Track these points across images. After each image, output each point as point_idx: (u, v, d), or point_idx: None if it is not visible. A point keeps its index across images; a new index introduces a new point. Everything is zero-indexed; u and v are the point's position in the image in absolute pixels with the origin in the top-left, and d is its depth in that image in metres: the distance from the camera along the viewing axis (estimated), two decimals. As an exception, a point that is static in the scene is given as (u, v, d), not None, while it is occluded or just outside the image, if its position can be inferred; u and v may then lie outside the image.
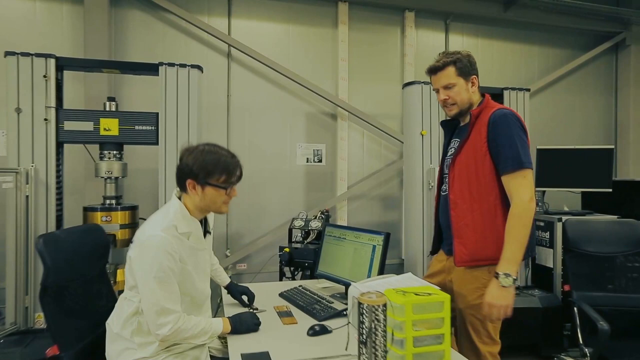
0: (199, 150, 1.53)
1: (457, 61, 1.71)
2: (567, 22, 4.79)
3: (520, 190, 1.60)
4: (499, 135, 1.62)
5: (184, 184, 1.53)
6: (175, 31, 3.82)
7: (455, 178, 1.74)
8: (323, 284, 2.35)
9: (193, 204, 1.56)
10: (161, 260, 1.42)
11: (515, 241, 1.57)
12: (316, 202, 4.17)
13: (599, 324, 2.09)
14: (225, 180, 1.53)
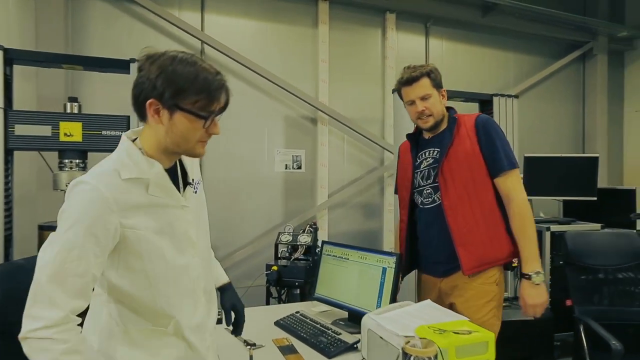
0: (168, 57, 1.02)
1: (431, 73, 1.74)
2: (540, 30, 4.84)
3: (518, 189, 1.68)
4: (492, 137, 1.69)
5: (142, 108, 1.03)
6: (142, 25, 3.47)
7: (448, 184, 1.71)
8: (320, 308, 2.14)
9: (155, 139, 1.05)
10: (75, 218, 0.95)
11: (529, 238, 1.64)
12: (296, 211, 3.94)
13: (612, 343, 2.02)
14: (205, 105, 1.02)
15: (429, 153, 1.83)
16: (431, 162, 1.80)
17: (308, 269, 2.51)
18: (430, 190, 1.79)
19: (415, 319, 1.45)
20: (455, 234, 1.68)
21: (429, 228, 1.79)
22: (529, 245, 1.64)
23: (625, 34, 5.22)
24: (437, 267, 1.80)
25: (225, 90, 1.06)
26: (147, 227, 1.04)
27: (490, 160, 1.69)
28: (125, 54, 2.52)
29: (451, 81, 4.20)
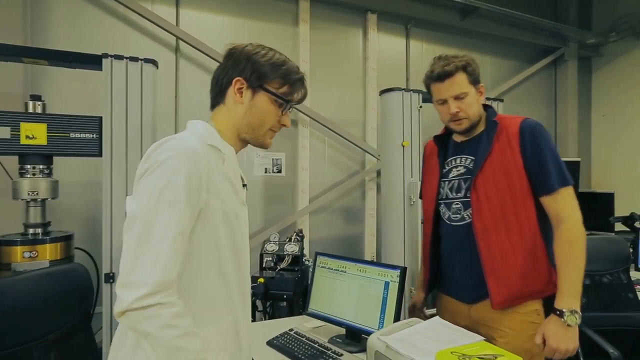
0: (257, 45, 1.11)
1: (468, 66, 1.47)
2: (516, 35, 4.90)
3: (571, 208, 1.40)
4: (540, 148, 1.42)
5: (223, 88, 1.08)
6: (112, 18, 3.20)
7: (482, 201, 1.45)
8: (313, 323, 2.01)
9: (230, 121, 1.08)
10: (180, 175, 0.90)
11: (573, 269, 1.35)
12: (276, 216, 3.77)
13: (610, 352, 2.01)
14: (286, 92, 1.09)
15: (461, 161, 1.57)
16: (463, 172, 1.54)
17: (297, 281, 2.37)
18: (459, 206, 1.53)
19: (429, 341, 1.34)
20: (486, 262, 1.43)
21: (455, 249, 1.55)
22: (570, 277, 1.34)
23: (593, 40, 5.37)
24: (465, 293, 1.55)
25: (304, 86, 1.13)
26: (225, 201, 1.00)
27: (537, 176, 1.42)
28: (93, 50, 2.29)
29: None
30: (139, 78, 2.16)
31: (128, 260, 0.85)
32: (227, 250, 1.01)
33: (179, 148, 0.92)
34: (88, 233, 2.77)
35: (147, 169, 0.91)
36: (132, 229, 0.88)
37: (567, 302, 1.32)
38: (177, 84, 3.40)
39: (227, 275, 1.02)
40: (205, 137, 1.01)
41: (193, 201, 0.91)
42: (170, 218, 0.88)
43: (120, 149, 2.11)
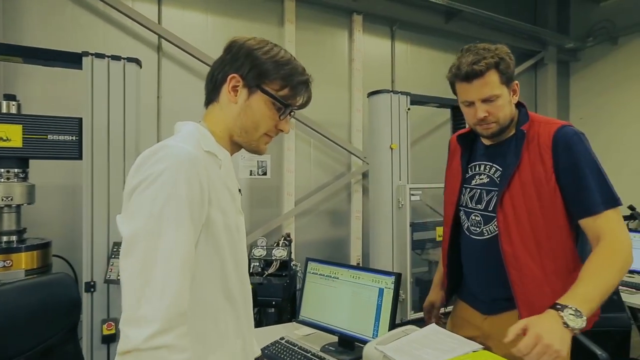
0: (259, 40, 0.98)
1: (500, 62, 1.24)
2: (499, 38, 4.96)
3: (618, 230, 1.18)
4: (579, 164, 1.21)
5: (217, 85, 0.97)
6: (91, 16, 3.08)
7: (510, 222, 1.27)
8: (303, 331, 1.95)
9: (223, 121, 0.97)
10: (181, 188, 0.79)
11: (599, 279, 1.11)
12: (261, 219, 3.71)
13: (598, 354, 2.03)
14: (286, 95, 0.97)
15: (486, 168, 1.40)
16: (486, 182, 1.38)
17: (285, 286, 2.32)
18: (479, 219, 1.38)
19: (428, 350, 1.31)
20: (519, 292, 1.25)
21: (475, 263, 1.42)
22: (590, 284, 1.10)
23: (571, 45, 5.50)
24: (480, 305, 1.43)
25: (309, 89, 1.02)
26: (226, 213, 0.91)
27: (575, 195, 1.22)
28: (69, 48, 2.19)
29: (415, 85, 4.20)
30: (122, 78, 2.07)
31: (132, 293, 0.75)
32: (231, 266, 0.92)
33: (177, 157, 0.80)
34: (66, 240, 2.65)
35: (141, 182, 0.79)
36: (132, 255, 0.76)
37: (576, 300, 1.06)
38: (159, 84, 3.30)
39: (232, 295, 0.93)
40: (201, 142, 0.90)
41: (196, 217, 0.81)
42: (176, 240, 0.77)
43: (102, 152, 2.02)
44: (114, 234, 2.01)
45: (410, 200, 2.74)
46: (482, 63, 1.23)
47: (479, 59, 1.24)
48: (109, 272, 1.95)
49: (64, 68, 2.24)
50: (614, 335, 2.47)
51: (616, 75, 5.31)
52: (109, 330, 1.98)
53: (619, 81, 5.28)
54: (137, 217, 0.78)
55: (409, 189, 2.76)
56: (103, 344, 2.00)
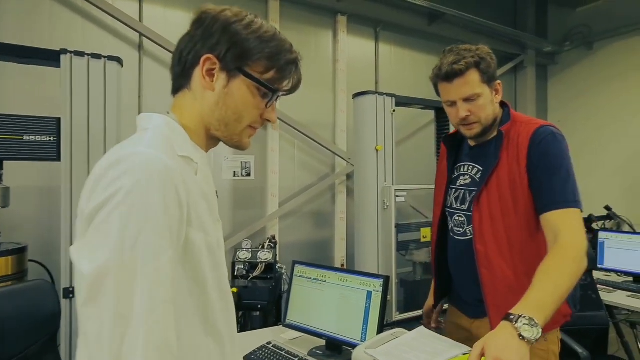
0: (236, 12, 0.81)
1: (481, 61, 1.25)
2: (480, 41, 4.93)
3: (573, 228, 1.13)
4: (548, 162, 1.21)
5: (187, 69, 0.79)
6: (69, 12, 2.99)
7: (484, 222, 1.29)
8: (290, 335, 1.94)
9: (197, 112, 0.80)
10: (157, 210, 0.62)
11: (553, 285, 1.04)
12: (245, 221, 3.66)
13: (580, 352, 2.07)
14: (273, 79, 0.80)
15: (469, 169, 1.41)
16: (468, 182, 1.39)
17: (271, 289, 2.29)
18: (463, 219, 1.39)
19: (418, 353, 1.31)
20: (488, 292, 1.26)
21: (458, 263, 1.43)
22: (543, 290, 1.03)
23: (549, 49, 5.63)
24: (467, 307, 1.44)
25: (299, 70, 0.85)
26: (206, 230, 0.74)
27: (539, 191, 1.21)
28: (46, 45, 2.12)
29: (399, 87, 4.22)
30: (103, 77, 2.01)
31: (105, 347, 0.58)
32: (215, 294, 0.77)
33: (148, 169, 0.63)
34: (43, 244, 2.56)
35: (104, 203, 0.61)
36: (99, 299, 0.59)
37: (529, 309, 0.98)
38: (140, 83, 3.23)
39: (217, 329, 0.78)
40: (174, 144, 0.73)
41: (174, 241, 0.65)
42: (157, 276, 0.61)
43: (82, 153, 1.96)
44: (95, 237, 1.95)
45: (395, 202, 2.74)
46: (462, 62, 1.24)
47: (459, 59, 1.25)
48: (89, 277, 1.88)
49: (40, 66, 2.15)
50: (593, 333, 2.53)
51: (591, 79, 5.45)
52: (89, 337, 1.92)
53: (593, 85, 5.43)
54: (102, 248, 0.60)
55: (394, 191, 2.77)
56: (83, 351, 1.93)
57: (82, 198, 0.67)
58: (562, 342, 2.09)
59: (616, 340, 2.71)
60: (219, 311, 0.79)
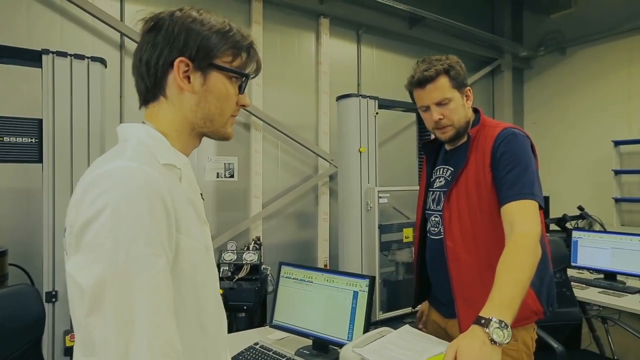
0: (187, 12, 0.82)
1: (450, 69, 1.35)
2: (459, 45, 5.15)
3: (530, 219, 1.18)
4: (508, 159, 1.27)
5: (163, 76, 0.80)
6: (48, 11, 2.93)
7: (453, 220, 1.36)
8: (277, 335, 1.96)
9: (178, 118, 0.82)
10: (145, 222, 0.65)
11: (513, 280, 1.09)
12: (229, 222, 3.66)
13: (555, 347, 2.16)
14: (241, 64, 0.84)
15: (443, 172, 1.49)
16: (442, 184, 1.47)
17: (257, 290, 2.30)
18: (438, 219, 1.45)
19: (404, 351, 1.35)
20: (456, 285, 1.33)
21: (434, 262, 1.48)
22: (505, 287, 1.07)
23: (524, 53, 5.81)
24: (442, 307, 1.49)
25: (257, 52, 0.88)
26: (194, 236, 0.76)
27: (498, 187, 1.27)
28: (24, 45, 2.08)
29: (381, 89, 4.28)
30: (86, 78, 1.98)
31: (113, 353, 0.62)
32: (207, 293, 0.81)
33: (131, 182, 0.66)
34: (20, 247, 2.51)
35: (94, 217, 0.64)
36: (102, 309, 0.62)
37: (497, 311, 1.01)
38: (122, 83, 3.19)
39: (209, 325, 0.81)
40: (156, 154, 0.76)
41: (166, 249, 0.68)
42: (152, 280, 0.65)
43: (64, 155, 1.93)
44: (78, 240, 1.92)
45: (378, 203, 2.79)
46: (432, 70, 1.35)
47: (430, 67, 1.36)
48: (72, 280, 1.86)
49: (21, 66, 2.11)
50: (567, 328, 2.63)
51: (563, 83, 5.66)
52: (72, 341, 1.89)
53: (565, 88, 5.64)
54: (97, 263, 0.63)
55: (377, 192, 2.82)
56: (66, 356, 1.91)
57: (70, 211, 0.70)
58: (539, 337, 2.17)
59: (588, 335, 2.82)
60: (212, 312, 0.83)
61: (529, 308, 1.30)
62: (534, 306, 1.31)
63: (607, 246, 2.91)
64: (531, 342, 1.38)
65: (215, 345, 0.84)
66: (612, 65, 5.19)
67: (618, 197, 4.91)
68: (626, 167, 4.98)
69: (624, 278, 2.85)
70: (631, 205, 4.98)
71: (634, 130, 4.97)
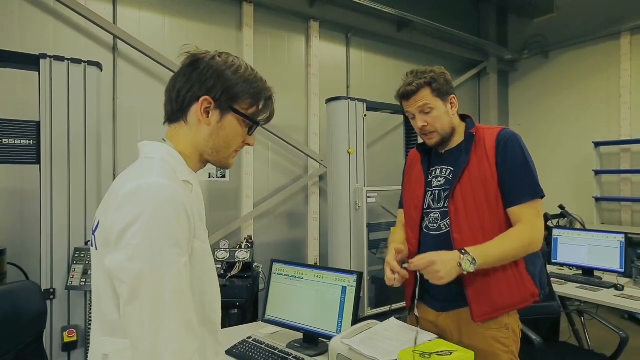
0: (224, 60, 0.96)
1: (432, 81, 1.45)
2: (446, 48, 5.28)
3: (535, 219, 1.38)
4: (515, 160, 1.41)
5: (188, 106, 0.94)
6: (42, 14, 2.96)
7: (460, 213, 1.44)
8: (269, 330, 2.03)
9: (193, 142, 0.96)
10: (173, 228, 0.81)
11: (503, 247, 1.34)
12: (220, 222, 3.72)
13: (533, 339, 2.27)
14: (255, 112, 0.99)
15: (442, 171, 1.56)
16: (442, 182, 1.54)
17: (249, 287, 2.38)
18: (437, 215, 1.53)
19: (389, 341, 1.44)
20: (467, 278, 1.39)
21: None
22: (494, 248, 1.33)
23: (509, 56, 5.96)
24: (435, 302, 1.54)
25: (273, 104, 1.04)
26: (203, 239, 0.93)
27: (508, 187, 1.40)
28: (18, 48, 2.12)
29: (370, 91, 4.39)
30: (82, 81, 2.04)
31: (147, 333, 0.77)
32: (211, 288, 0.97)
33: (162, 195, 0.81)
34: (16, 247, 2.55)
35: (131, 223, 0.79)
36: (139, 298, 0.78)
37: (477, 254, 1.30)
38: (115, 85, 3.23)
39: (211, 318, 0.97)
40: (176, 169, 0.90)
41: (186, 250, 0.84)
42: (178, 274, 0.81)
43: (62, 156, 1.98)
44: (75, 239, 1.98)
45: (367, 203, 2.88)
46: (414, 84, 1.46)
47: (413, 81, 1.47)
48: (70, 278, 1.92)
49: (19, 70, 2.16)
50: (547, 322, 2.75)
51: (546, 85, 5.83)
52: (70, 337, 1.95)
53: (548, 90, 5.80)
54: (136, 260, 0.78)
55: (365, 192, 2.91)
56: (63, 351, 1.97)
57: (100, 213, 0.88)
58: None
59: (568, 329, 2.94)
60: (214, 304, 0.98)
61: (528, 291, 1.44)
62: (532, 288, 1.44)
63: (585, 243, 3.04)
64: (518, 329, 1.48)
65: (215, 334, 0.99)
66: (592, 69, 5.36)
67: (598, 197, 5.08)
68: (606, 167, 5.15)
69: (601, 274, 2.98)
70: (611, 204, 5.15)
71: (613, 132, 5.14)
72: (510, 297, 1.41)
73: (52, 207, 1.96)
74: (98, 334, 0.90)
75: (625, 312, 4.12)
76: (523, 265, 1.43)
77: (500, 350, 1.41)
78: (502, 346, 1.41)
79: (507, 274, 1.41)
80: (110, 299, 0.86)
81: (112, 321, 0.87)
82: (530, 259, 1.46)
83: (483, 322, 1.41)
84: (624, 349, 2.32)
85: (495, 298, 1.40)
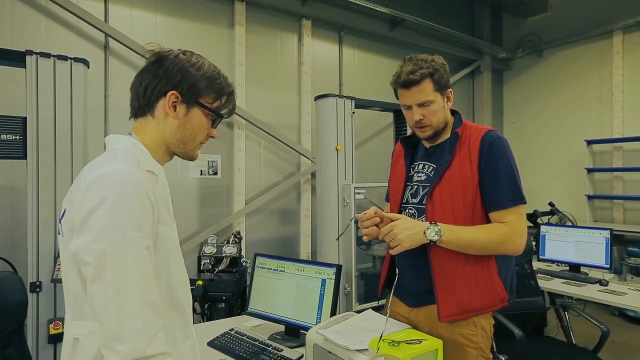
0: (188, 56, 1.02)
1: (435, 72, 1.40)
2: (439, 47, 5.30)
3: (517, 222, 1.37)
4: (496, 163, 1.38)
5: (153, 100, 1.00)
6: (32, 11, 2.99)
7: (436, 213, 1.41)
8: (253, 323, 2.06)
9: (160, 135, 1.02)
10: (135, 212, 0.85)
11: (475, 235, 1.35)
12: (212, 218, 3.75)
13: (515, 332, 2.29)
14: (219, 106, 1.05)
15: (424, 167, 1.54)
16: (423, 179, 1.52)
17: (235, 282, 2.41)
18: (413, 211, 1.51)
19: (362, 331, 1.47)
20: (437, 277, 1.40)
21: (405, 254, 1.43)
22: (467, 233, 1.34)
23: (503, 55, 5.98)
24: (408, 298, 1.54)
25: (234, 98, 1.11)
26: (167, 225, 0.97)
27: (489, 191, 1.38)
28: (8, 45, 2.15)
29: (362, 89, 4.42)
30: (69, 78, 2.07)
31: (111, 311, 0.81)
32: (179, 276, 1.02)
33: (125, 181, 0.86)
34: (7, 241, 2.58)
35: (95, 207, 0.82)
36: (104, 277, 0.81)
37: (446, 230, 1.32)
38: (106, 83, 3.27)
39: (180, 304, 1.01)
40: (140, 161, 0.95)
41: (149, 233, 0.88)
42: (141, 256, 0.84)
43: (48, 152, 2.01)
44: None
45: (354, 198, 2.91)
46: (417, 73, 1.40)
47: (415, 69, 1.40)
48: (56, 271, 1.95)
49: (5, 66, 2.19)
50: (533, 317, 2.77)
51: (540, 84, 5.85)
52: (55, 329, 1.99)
53: (542, 89, 5.82)
54: (99, 241, 0.81)
55: (353, 188, 2.94)
56: (50, 343, 2.00)
57: (69, 202, 0.91)
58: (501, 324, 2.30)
59: (557, 325, 2.97)
60: (181, 288, 1.02)
61: (498, 296, 1.42)
62: (502, 294, 1.42)
63: (572, 240, 3.07)
64: (489, 327, 1.48)
65: (185, 317, 1.04)
66: (584, 67, 5.38)
67: (590, 195, 5.10)
68: (598, 165, 5.17)
69: (587, 270, 3.01)
70: (603, 202, 5.17)
71: (606, 130, 5.16)
72: (479, 300, 1.39)
73: (39, 201, 1.99)
74: (70, 319, 0.95)
75: (616, 309, 4.14)
76: (495, 269, 1.42)
77: (468, 347, 1.42)
78: (470, 342, 1.42)
79: (477, 277, 1.40)
80: (77, 283, 0.90)
81: (81, 305, 0.91)
82: (503, 264, 1.44)
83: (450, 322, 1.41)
84: (605, 343, 2.35)
85: (464, 300, 1.39)
